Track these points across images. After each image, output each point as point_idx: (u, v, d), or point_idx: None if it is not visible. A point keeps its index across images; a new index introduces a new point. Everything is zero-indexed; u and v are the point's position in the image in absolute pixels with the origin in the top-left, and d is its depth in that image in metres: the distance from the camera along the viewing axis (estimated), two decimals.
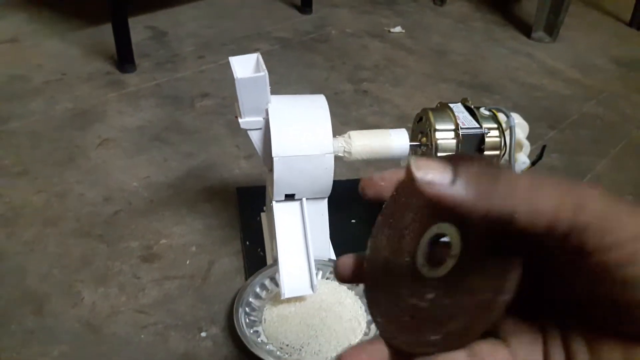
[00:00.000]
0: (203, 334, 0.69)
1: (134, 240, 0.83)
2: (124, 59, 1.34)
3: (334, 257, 0.80)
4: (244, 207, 0.91)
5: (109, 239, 0.83)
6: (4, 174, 0.96)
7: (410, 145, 0.76)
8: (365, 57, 1.53)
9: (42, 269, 0.77)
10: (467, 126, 0.75)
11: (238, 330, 0.66)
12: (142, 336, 0.69)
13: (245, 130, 0.72)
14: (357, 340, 0.68)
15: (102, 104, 1.20)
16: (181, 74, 1.36)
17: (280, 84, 1.31)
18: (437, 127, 0.75)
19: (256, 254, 0.81)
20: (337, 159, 0.72)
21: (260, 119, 0.71)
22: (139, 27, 1.56)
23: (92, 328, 0.69)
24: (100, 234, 0.84)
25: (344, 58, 1.51)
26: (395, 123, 1.21)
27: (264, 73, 0.67)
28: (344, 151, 0.74)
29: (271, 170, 0.71)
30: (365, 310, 0.72)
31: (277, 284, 0.73)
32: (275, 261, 0.74)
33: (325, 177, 0.71)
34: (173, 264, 0.79)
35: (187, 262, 0.80)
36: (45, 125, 1.11)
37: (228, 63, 0.68)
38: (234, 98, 0.70)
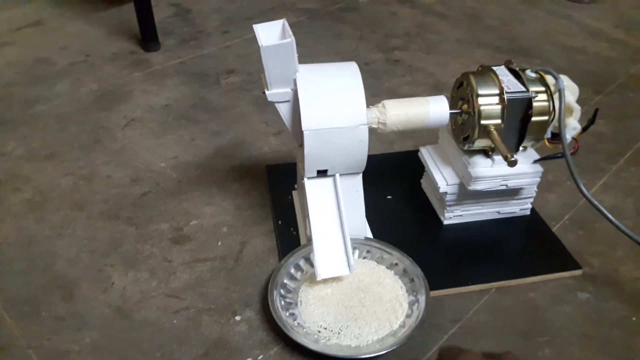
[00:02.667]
0: (237, 318, 0.67)
1: (163, 222, 0.80)
2: (147, 37, 1.31)
3: (370, 235, 0.76)
4: (274, 185, 0.87)
5: (137, 221, 0.81)
6: (31, 158, 0.94)
7: (450, 113, 0.71)
8: (395, 24, 1.46)
9: (71, 254, 0.75)
10: (512, 90, 0.69)
11: (273, 314, 0.63)
12: (174, 321, 0.66)
13: (273, 104, 0.67)
14: (398, 323, 0.64)
15: (127, 84, 1.17)
16: (206, 51, 1.32)
17: (308, 57, 1.26)
18: (480, 92, 0.69)
19: (289, 234, 0.78)
20: (371, 131, 0.68)
21: (288, 90, 0.66)
22: (162, 5, 1.53)
23: (123, 314, 0.67)
24: (129, 216, 0.81)
25: (374, 27, 1.44)
26: (430, 92, 1.15)
27: (290, 39, 0.62)
28: (379, 122, 0.69)
29: (301, 145, 0.67)
30: (407, 291, 0.68)
31: (312, 265, 0.70)
32: (309, 241, 0.70)
33: (360, 150, 0.67)
34: (204, 246, 0.77)
35: (219, 244, 0.77)
36: (71, 108, 1.09)
37: (253, 38, 0.63)
38: (260, 73, 0.65)
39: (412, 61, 1.29)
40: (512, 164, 0.66)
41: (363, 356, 0.60)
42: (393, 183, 0.87)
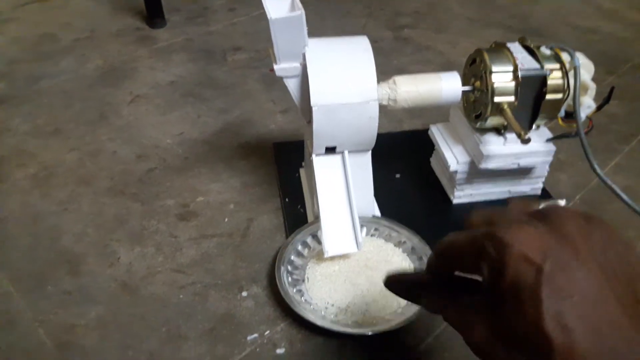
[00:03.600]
0: (244, 294, 0.66)
1: (169, 198, 0.80)
2: (153, 14, 1.30)
3: (378, 213, 0.76)
4: (281, 163, 0.86)
5: (143, 198, 0.80)
6: (36, 134, 0.94)
7: (463, 91, 0.69)
8: (404, 2, 1.44)
9: (77, 229, 0.74)
10: (526, 67, 0.68)
11: (280, 290, 0.63)
12: (181, 296, 0.66)
13: (281, 82, 0.66)
14: (406, 301, 0.63)
15: (132, 60, 1.16)
16: (213, 28, 1.30)
17: (315, 35, 1.23)
18: (494, 68, 0.68)
19: (296, 211, 0.77)
20: (380, 109, 0.66)
21: (297, 64, 0.65)
22: None
23: (129, 289, 0.66)
24: (135, 192, 0.81)
25: (382, 4, 1.42)
26: (440, 71, 1.13)
27: (300, 12, 0.61)
28: (389, 99, 0.68)
29: (310, 121, 0.66)
30: (415, 268, 0.68)
31: (319, 242, 0.69)
32: (317, 218, 0.69)
33: (369, 127, 0.66)
34: (211, 222, 0.76)
35: (225, 220, 0.76)
36: (76, 84, 1.08)
37: (260, 15, 0.62)
38: (269, 48, 0.64)
39: (421, 40, 1.27)
40: (526, 142, 0.64)
41: (370, 332, 0.59)
42: (402, 162, 0.86)
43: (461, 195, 0.78)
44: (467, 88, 0.71)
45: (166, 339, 0.61)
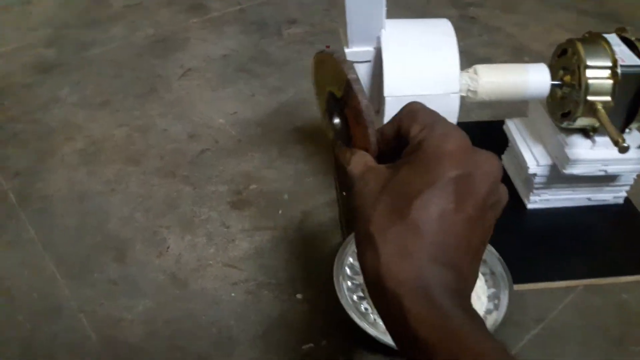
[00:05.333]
0: (299, 296, 0.62)
1: (221, 183, 0.75)
2: None
3: None
4: None
5: (195, 181, 0.76)
6: (85, 105, 0.90)
7: (551, 85, 0.62)
8: None
9: (124, 212, 0.71)
10: (627, 63, 0.60)
11: (340, 299, 0.58)
12: (233, 294, 0.62)
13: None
14: None
15: (184, 30, 1.11)
16: None
17: None
18: (589, 62, 0.60)
19: None
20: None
21: (370, 48, 0.59)
22: None
23: (179, 282, 0.63)
24: (186, 175, 0.77)
25: None
26: (510, 56, 1.05)
27: None
28: (468, 90, 0.62)
29: (379, 112, 0.60)
30: (485, 282, 0.62)
31: None
32: None
33: None
34: (264, 213, 0.71)
35: (279, 212, 0.71)
36: (126, 53, 1.04)
37: None
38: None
39: (489, 19, 1.18)
40: (624, 150, 0.57)
41: None
42: None
43: (537, 200, 0.71)
44: (556, 82, 0.64)
45: (217, 341, 0.57)
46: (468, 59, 1.03)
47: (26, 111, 0.88)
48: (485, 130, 0.84)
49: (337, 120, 0.36)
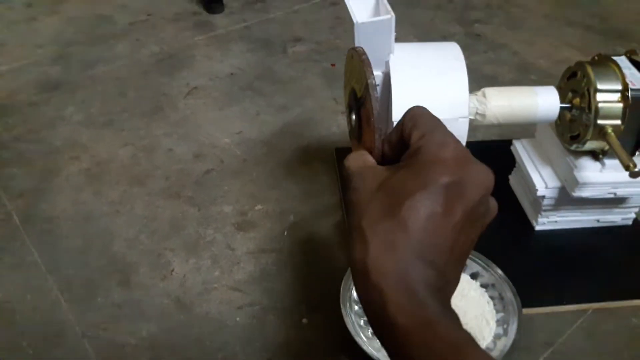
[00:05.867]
0: (304, 321, 0.61)
1: (227, 204, 0.75)
2: None
3: None
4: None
5: (200, 202, 0.75)
6: (90, 124, 0.90)
7: (561, 107, 0.61)
8: None
9: (129, 234, 0.70)
10: (638, 87, 0.60)
11: (347, 323, 0.57)
12: (238, 319, 0.61)
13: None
14: (485, 344, 0.57)
15: (189, 47, 1.11)
16: (272, 15, 1.24)
17: None
18: (599, 86, 0.60)
19: None
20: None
21: (379, 73, 0.58)
22: None
23: (183, 306, 0.62)
24: (191, 196, 0.76)
25: None
26: (515, 73, 1.05)
27: (390, 16, 0.54)
28: (477, 113, 0.61)
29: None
30: (494, 306, 0.61)
31: None
32: None
33: None
34: (269, 235, 0.71)
35: (285, 234, 0.71)
36: (131, 71, 1.04)
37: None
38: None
39: (494, 37, 1.18)
40: (635, 175, 0.56)
41: None
42: None
43: (545, 222, 0.71)
44: (565, 105, 0.63)
45: None
46: (473, 77, 1.03)
47: (31, 130, 0.88)
48: (492, 149, 0.84)
49: (353, 117, 0.38)
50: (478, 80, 0.60)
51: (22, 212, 0.74)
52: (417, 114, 0.33)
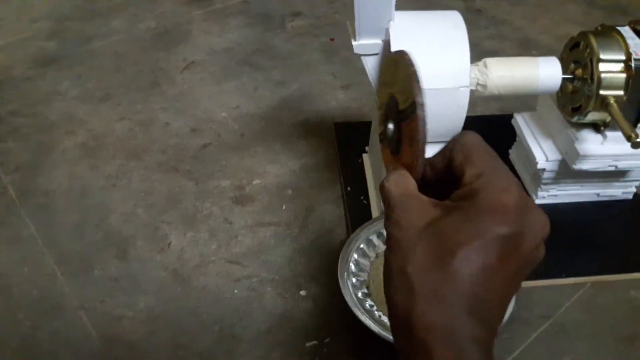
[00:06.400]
0: (302, 293, 0.61)
1: (224, 178, 0.74)
2: None
3: None
4: (343, 146, 0.79)
5: (197, 176, 0.75)
6: (86, 99, 0.89)
7: (563, 78, 0.60)
8: None
9: (126, 208, 0.70)
10: None
11: (345, 295, 0.56)
12: (235, 291, 0.61)
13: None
14: None
15: (186, 22, 1.10)
16: None
17: None
18: (602, 56, 0.59)
19: (359, 202, 0.71)
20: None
21: (378, 41, 0.57)
22: None
23: (180, 278, 0.62)
24: (189, 170, 0.75)
25: None
26: (517, 49, 1.03)
27: None
28: (477, 84, 0.60)
29: None
30: None
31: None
32: (383, 214, 0.63)
33: (457, 117, 0.58)
34: (267, 209, 0.70)
35: (283, 207, 0.70)
36: (128, 46, 1.02)
37: None
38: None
39: (496, 12, 1.16)
40: (637, 145, 0.56)
41: None
42: None
43: (545, 196, 0.70)
44: (567, 76, 0.62)
45: (219, 339, 0.56)
46: (474, 52, 1.01)
47: (26, 104, 0.87)
48: (492, 124, 0.83)
49: (391, 126, 0.36)
50: (479, 56, 0.60)
51: (18, 186, 0.73)
52: (469, 144, 0.30)
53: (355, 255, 0.62)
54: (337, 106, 0.89)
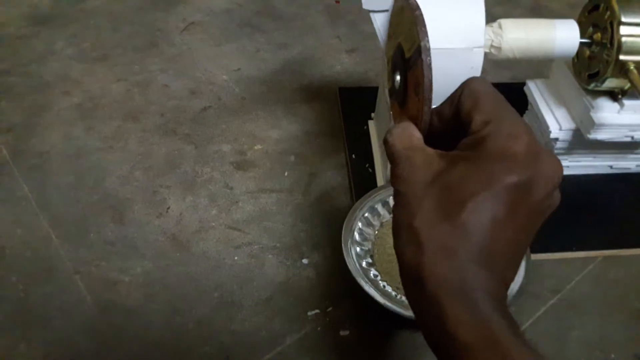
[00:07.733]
0: (304, 261, 0.59)
1: (225, 143, 0.72)
2: None
3: None
4: (347, 112, 0.77)
5: (197, 140, 0.72)
6: (82, 59, 0.86)
7: (580, 43, 0.58)
8: None
9: (123, 170, 0.68)
10: None
11: (348, 263, 0.55)
12: (235, 258, 0.59)
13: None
14: None
15: None
16: None
17: None
18: (624, 19, 0.56)
19: (363, 170, 0.68)
20: None
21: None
22: None
23: (179, 244, 0.60)
24: (188, 133, 0.73)
25: None
26: (528, 16, 1.00)
27: None
28: (492, 46, 0.57)
29: None
30: None
31: (390, 210, 0.61)
32: (388, 182, 0.61)
33: None
34: (269, 175, 0.68)
35: (285, 174, 0.68)
36: (125, 5, 0.99)
37: None
38: None
39: None
40: None
41: None
42: None
43: None
44: (585, 40, 0.59)
45: (218, 305, 0.54)
46: None
47: (20, 64, 0.84)
48: (503, 92, 0.80)
49: (397, 78, 0.34)
50: (488, 22, 0.57)
51: (12, 146, 0.70)
52: (478, 91, 0.29)
53: (360, 224, 0.60)
54: (342, 70, 0.86)
